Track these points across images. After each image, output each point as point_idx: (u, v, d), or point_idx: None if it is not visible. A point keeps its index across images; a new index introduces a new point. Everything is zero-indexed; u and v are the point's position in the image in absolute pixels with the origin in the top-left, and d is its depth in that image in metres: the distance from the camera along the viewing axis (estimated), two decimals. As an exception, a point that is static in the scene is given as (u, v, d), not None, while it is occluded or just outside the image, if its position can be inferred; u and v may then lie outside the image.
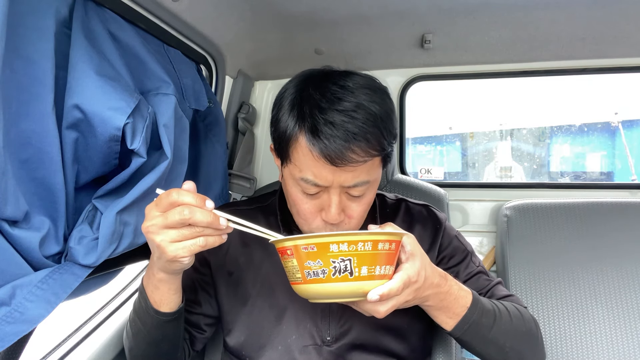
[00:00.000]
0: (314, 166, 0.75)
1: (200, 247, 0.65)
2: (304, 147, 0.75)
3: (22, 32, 0.65)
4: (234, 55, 1.26)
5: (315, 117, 0.73)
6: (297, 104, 0.77)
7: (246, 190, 1.40)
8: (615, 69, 1.45)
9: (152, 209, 0.66)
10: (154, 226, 0.65)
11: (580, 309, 1.24)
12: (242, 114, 1.41)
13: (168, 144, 0.84)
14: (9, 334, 0.61)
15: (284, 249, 0.66)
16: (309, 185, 0.77)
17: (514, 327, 0.84)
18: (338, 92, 0.75)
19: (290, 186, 0.81)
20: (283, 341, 0.87)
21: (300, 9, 1.13)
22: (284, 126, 0.77)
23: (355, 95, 0.75)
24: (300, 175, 0.77)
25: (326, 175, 0.75)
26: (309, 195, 0.79)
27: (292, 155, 0.77)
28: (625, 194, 1.51)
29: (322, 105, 0.74)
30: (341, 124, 0.72)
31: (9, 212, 0.61)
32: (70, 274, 0.71)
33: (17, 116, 0.65)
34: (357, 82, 0.77)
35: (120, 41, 0.83)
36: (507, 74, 1.53)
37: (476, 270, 0.95)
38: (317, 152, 0.73)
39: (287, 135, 0.77)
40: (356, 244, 0.62)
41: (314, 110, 0.74)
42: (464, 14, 1.16)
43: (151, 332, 0.80)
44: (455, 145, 6.66)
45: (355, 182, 0.76)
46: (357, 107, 0.74)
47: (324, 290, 0.64)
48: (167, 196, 0.65)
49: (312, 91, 0.77)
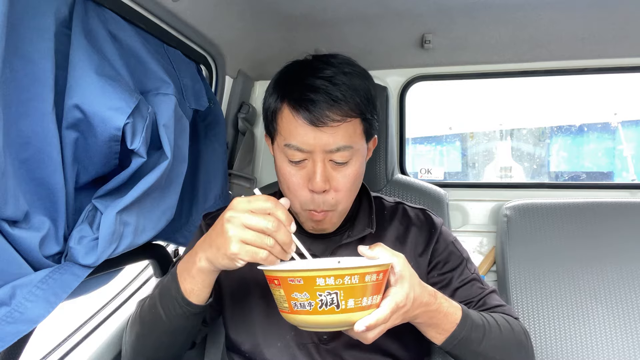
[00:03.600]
0: (297, 130, 0.79)
1: (261, 259, 0.65)
2: (287, 114, 0.80)
3: (22, 32, 0.65)
4: (234, 55, 1.26)
5: (298, 85, 0.80)
6: (280, 81, 0.84)
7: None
8: (615, 69, 1.45)
9: (243, 203, 0.66)
10: (237, 219, 0.65)
11: (580, 309, 1.24)
12: (242, 114, 1.41)
13: (168, 144, 0.85)
14: (9, 334, 0.61)
15: (271, 277, 0.66)
16: (292, 151, 0.80)
17: (504, 340, 0.84)
18: (319, 65, 0.82)
19: (280, 160, 0.84)
20: (282, 338, 0.88)
21: (300, 9, 1.13)
22: (268, 102, 0.84)
23: (337, 67, 0.82)
24: (284, 142, 0.81)
25: (308, 138, 0.79)
26: (295, 165, 0.82)
27: (277, 125, 0.83)
28: (625, 194, 1.51)
29: (302, 75, 0.81)
30: (321, 86, 0.79)
31: (9, 212, 0.61)
32: (70, 274, 0.71)
33: (17, 116, 0.65)
34: (340, 59, 0.84)
35: (120, 41, 0.83)
36: (507, 74, 1.53)
37: (470, 277, 0.94)
38: (299, 116, 0.78)
39: (272, 108, 0.83)
40: (342, 278, 0.61)
41: (296, 80, 0.81)
42: (464, 14, 1.16)
43: (173, 321, 0.78)
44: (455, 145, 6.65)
45: (338, 146, 0.79)
46: (337, 74, 0.80)
47: (310, 320, 0.64)
48: (264, 201, 0.66)
49: (296, 68, 0.85)
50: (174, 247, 1.28)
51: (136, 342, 0.85)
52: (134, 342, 0.85)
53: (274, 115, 0.84)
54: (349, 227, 0.94)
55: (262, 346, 0.88)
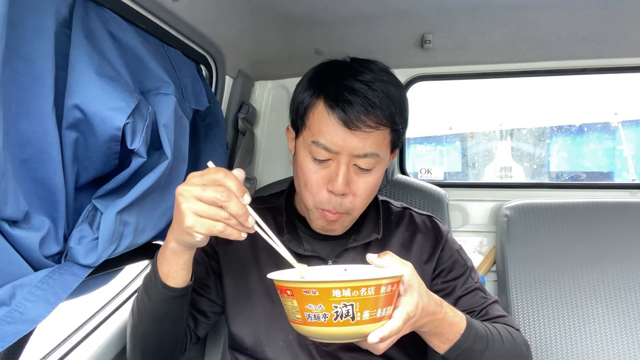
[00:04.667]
0: (328, 129, 0.79)
1: (218, 232, 0.65)
2: (321, 111, 0.80)
3: (22, 32, 0.65)
4: (234, 55, 1.26)
5: (337, 84, 0.80)
6: (318, 78, 0.84)
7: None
8: (615, 69, 1.45)
9: (195, 177, 0.66)
10: (188, 192, 0.65)
11: (580, 308, 1.24)
12: (242, 114, 1.41)
13: (168, 144, 0.84)
14: (9, 334, 0.61)
15: (283, 288, 0.64)
16: (319, 149, 0.80)
17: (506, 351, 0.85)
18: (359, 68, 0.82)
19: (302, 156, 0.84)
20: (284, 337, 0.88)
21: (300, 9, 1.13)
22: (302, 97, 0.84)
23: (376, 73, 0.82)
24: (312, 139, 0.80)
25: (338, 139, 0.79)
26: (319, 163, 0.81)
27: (307, 120, 0.83)
28: (625, 194, 1.51)
29: (342, 75, 0.81)
30: (360, 90, 0.79)
31: (9, 212, 0.61)
32: (70, 274, 0.71)
33: (17, 116, 0.65)
34: (379, 66, 0.85)
35: (120, 41, 0.83)
36: (507, 74, 1.53)
37: (474, 286, 0.95)
38: (334, 115, 0.78)
39: (304, 103, 0.83)
40: (359, 289, 0.60)
41: (334, 79, 0.81)
42: (464, 14, 1.16)
43: (156, 306, 0.79)
44: (455, 145, 6.65)
45: (365, 152, 0.80)
46: (376, 80, 0.80)
47: (324, 332, 0.63)
48: (215, 173, 0.65)
49: (334, 67, 0.85)
50: (174, 247, 1.28)
51: (130, 333, 0.87)
52: (130, 334, 0.87)
53: (305, 110, 0.83)
54: (356, 230, 0.94)
55: (265, 344, 0.88)
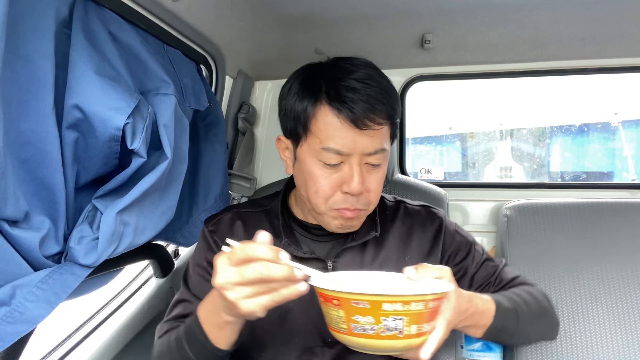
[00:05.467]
0: (337, 133, 0.78)
1: (277, 303, 0.63)
2: (328, 116, 0.79)
3: (22, 32, 0.65)
4: (234, 55, 1.26)
5: (336, 85, 0.79)
6: (311, 84, 0.82)
7: (246, 190, 1.40)
8: (615, 69, 1.45)
9: (225, 263, 0.63)
10: (227, 283, 0.62)
11: (580, 308, 1.24)
12: (242, 114, 1.41)
13: (168, 144, 0.84)
14: (9, 334, 0.61)
15: (329, 296, 0.63)
16: (330, 155, 0.79)
17: (533, 313, 0.90)
18: (348, 67, 0.81)
19: (309, 164, 0.82)
20: (286, 342, 0.88)
21: (300, 9, 1.13)
22: (301, 107, 0.81)
23: (365, 69, 0.81)
24: (321, 146, 0.79)
25: (348, 141, 0.79)
26: (330, 168, 0.81)
27: (312, 128, 0.80)
28: (625, 194, 1.51)
29: (338, 76, 0.80)
30: (361, 89, 0.78)
31: (9, 212, 0.61)
32: (70, 274, 0.71)
33: (17, 116, 0.65)
34: (361, 61, 0.84)
35: (120, 41, 0.83)
36: (507, 74, 1.53)
37: (482, 259, 0.98)
38: (343, 117, 0.78)
39: (306, 112, 0.81)
40: (409, 304, 0.60)
41: (332, 81, 0.79)
42: (464, 14, 1.16)
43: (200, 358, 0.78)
44: (455, 145, 6.65)
45: (375, 149, 0.80)
46: (369, 77, 0.80)
47: (370, 344, 0.62)
48: (242, 251, 0.62)
49: (323, 70, 0.83)
50: (174, 247, 1.28)
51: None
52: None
53: (308, 118, 0.81)
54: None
55: (266, 349, 0.88)
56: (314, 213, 0.87)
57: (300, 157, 0.85)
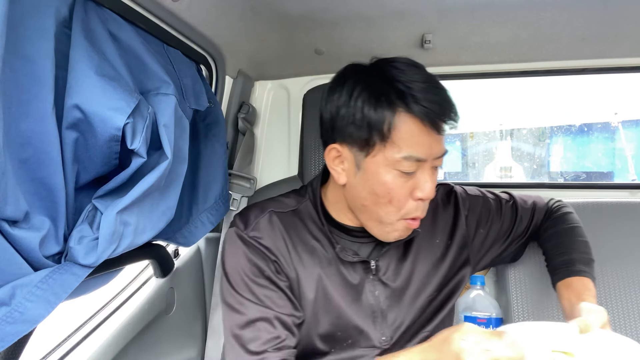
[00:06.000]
0: (419, 140, 0.77)
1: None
2: (408, 123, 0.77)
3: (22, 32, 0.65)
4: (234, 55, 1.26)
5: (412, 91, 0.76)
6: (381, 89, 0.78)
7: (246, 190, 1.40)
8: (615, 69, 1.45)
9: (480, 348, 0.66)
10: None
11: (580, 309, 1.24)
12: (242, 114, 1.41)
13: (168, 144, 0.84)
14: (9, 334, 0.61)
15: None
16: (410, 163, 0.78)
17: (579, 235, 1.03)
18: (407, 69, 0.79)
19: (383, 175, 0.80)
20: (338, 345, 0.90)
21: (300, 9, 1.13)
22: (376, 115, 0.77)
23: (422, 71, 0.81)
24: (401, 155, 0.77)
25: (427, 148, 0.78)
26: (405, 176, 0.79)
27: (393, 137, 0.77)
28: (625, 194, 1.51)
29: (407, 79, 0.77)
30: (436, 92, 0.78)
31: (9, 212, 0.61)
32: (70, 274, 0.71)
33: (17, 116, 0.65)
34: (409, 60, 0.82)
35: (120, 41, 0.83)
36: (507, 74, 1.52)
37: (512, 209, 1.06)
38: (425, 123, 0.76)
39: (383, 120, 0.77)
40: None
41: (405, 86, 0.77)
42: (464, 14, 1.16)
43: None
44: (455, 145, 6.65)
45: (443, 152, 0.81)
46: (431, 79, 0.80)
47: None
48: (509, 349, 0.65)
49: (387, 74, 0.79)
50: (174, 247, 1.28)
51: None
52: None
53: (388, 127, 0.77)
54: None
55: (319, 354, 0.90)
56: (372, 222, 0.86)
57: (370, 168, 0.81)
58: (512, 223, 1.06)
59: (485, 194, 1.08)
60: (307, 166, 1.33)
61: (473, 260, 1.03)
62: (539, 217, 1.09)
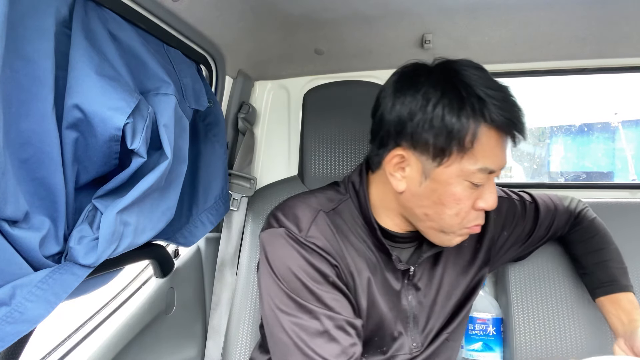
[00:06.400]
0: (495, 152, 0.76)
1: None
2: (490, 134, 0.75)
3: (22, 32, 0.65)
4: (234, 55, 1.26)
5: (494, 100, 0.73)
6: (460, 96, 0.74)
7: (246, 190, 1.40)
8: (615, 69, 1.45)
9: None
10: None
11: (581, 309, 1.24)
12: (242, 114, 1.41)
13: (168, 144, 0.84)
14: (9, 334, 0.61)
15: None
16: (483, 175, 0.76)
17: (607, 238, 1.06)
18: (482, 75, 0.77)
19: (454, 185, 0.77)
20: (372, 351, 0.89)
21: (300, 9, 1.13)
22: (459, 123, 0.73)
23: (492, 78, 0.78)
24: (477, 167, 0.75)
25: (500, 159, 0.77)
26: (474, 188, 0.78)
27: (474, 148, 0.74)
28: (625, 194, 1.51)
29: (483, 85, 0.74)
30: (512, 103, 0.75)
31: (9, 212, 0.61)
32: (70, 274, 0.71)
33: (17, 116, 0.65)
34: (475, 64, 0.80)
35: (120, 41, 0.83)
36: (507, 74, 1.52)
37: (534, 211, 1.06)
38: (505, 137, 0.77)
39: (466, 129, 0.73)
40: None
41: (486, 94, 0.74)
42: (464, 14, 1.16)
43: None
44: (455, 145, 6.64)
45: (506, 162, 0.80)
46: (503, 87, 0.78)
47: None
48: None
49: (464, 80, 0.75)
50: (174, 247, 1.28)
51: None
52: None
53: (471, 137, 0.74)
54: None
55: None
56: (433, 231, 0.83)
57: (441, 178, 0.77)
58: (533, 226, 1.06)
59: (510, 194, 1.07)
60: (307, 166, 1.33)
61: (492, 260, 1.03)
62: (561, 221, 1.09)
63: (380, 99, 0.83)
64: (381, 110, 0.82)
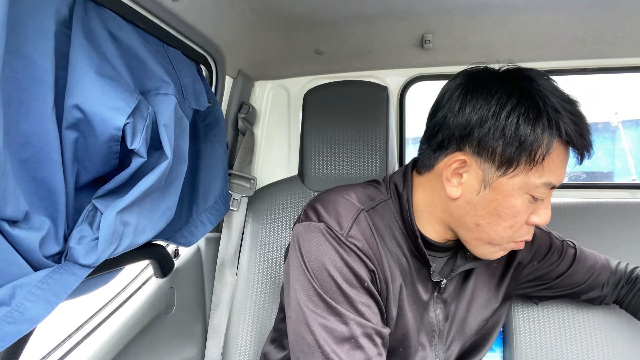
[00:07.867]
0: (562, 168, 0.74)
1: None
2: (561, 149, 0.72)
3: (22, 32, 0.65)
4: (234, 55, 1.26)
5: (567, 114, 0.71)
6: (536, 106, 0.71)
7: (246, 190, 1.40)
8: (615, 69, 1.45)
9: None
10: None
11: (581, 309, 1.24)
12: (242, 114, 1.41)
13: (168, 144, 0.84)
14: (9, 334, 0.61)
15: None
16: (545, 190, 0.73)
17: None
18: (552, 86, 0.74)
19: (515, 198, 0.74)
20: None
21: (300, 9, 1.13)
22: (533, 135, 0.70)
23: (556, 84, 0.76)
24: (542, 181, 0.72)
25: (563, 175, 0.75)
26: (533, 202, 0.75)
27: (544, 162, 0.72)
28: (625, 194, 1.51)
29: (554, 96, 0.72)
30: (583, 118, 0.73)
31: (9, 212, 0.61)
32: (70, 274, 0.71)
33: (17, 116, 0.65)
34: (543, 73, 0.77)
35: (120, 41, 0.83)
36: (507, 74, 1.52)
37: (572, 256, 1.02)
38: (576, 151, 0.74)
39: (539, 142, 0.71)
40: None
41: (562, 107, 0.71)
42: (464, 14, 1.16)
43: None
44: (455, 145, 6.64)
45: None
46: (574, 100, 0.75)
47: None
48: None
49: (539, 90, 0.72)
50: (174, 247, 1.28)
51: None
52: None
53: (543, 151, 0.71)
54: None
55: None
56: (479, 242, 0.80)
57: (503, 188, 0.74)
58: (566, 269, 1.02)
59: (551, 232, 1.05)
60: (307, 166, 1.33)
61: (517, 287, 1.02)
62: (603, 277, 1.05)
63: (444, 100, 0.78)
64: (444, 112, 0.77)
